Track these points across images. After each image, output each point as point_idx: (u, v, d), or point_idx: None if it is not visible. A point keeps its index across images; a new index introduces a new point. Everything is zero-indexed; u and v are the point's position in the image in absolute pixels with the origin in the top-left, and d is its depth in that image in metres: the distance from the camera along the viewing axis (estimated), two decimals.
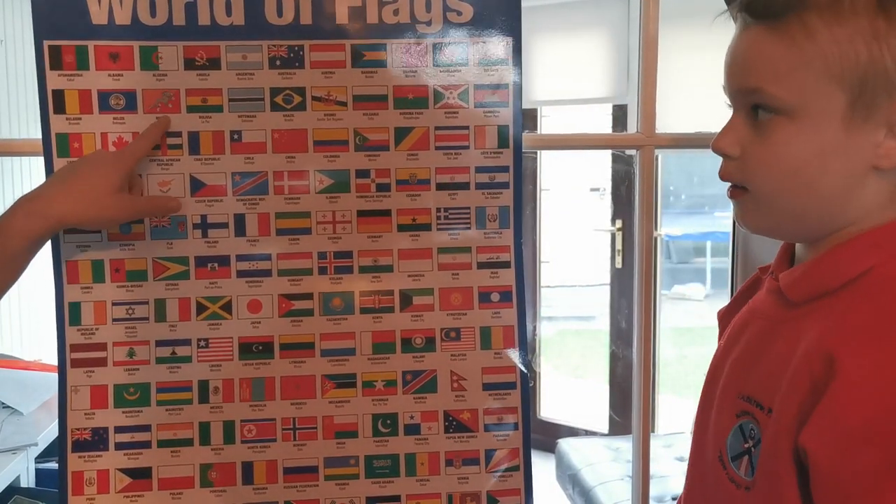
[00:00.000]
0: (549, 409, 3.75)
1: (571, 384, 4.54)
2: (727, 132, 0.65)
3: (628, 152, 1.06)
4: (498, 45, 0.92)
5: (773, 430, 0.60)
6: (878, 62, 0.58)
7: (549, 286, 5.03)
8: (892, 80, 0.58)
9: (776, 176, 0.63)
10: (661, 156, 3.05)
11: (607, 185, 3.69)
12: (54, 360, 0.92)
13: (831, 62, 0.59)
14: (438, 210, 0.92)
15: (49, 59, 0.88)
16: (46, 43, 0.88)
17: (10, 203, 0.81)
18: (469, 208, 0.93)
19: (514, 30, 0.91)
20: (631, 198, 2.74)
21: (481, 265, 0.93)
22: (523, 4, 0.92)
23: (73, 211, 0.81)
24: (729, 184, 0.67)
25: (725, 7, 0.67)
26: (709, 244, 7.09)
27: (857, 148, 0.60)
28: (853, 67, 0.58)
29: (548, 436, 3.40)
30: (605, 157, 3.78)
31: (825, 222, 0.64)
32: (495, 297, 0.93)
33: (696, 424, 0.72)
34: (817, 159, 0.61)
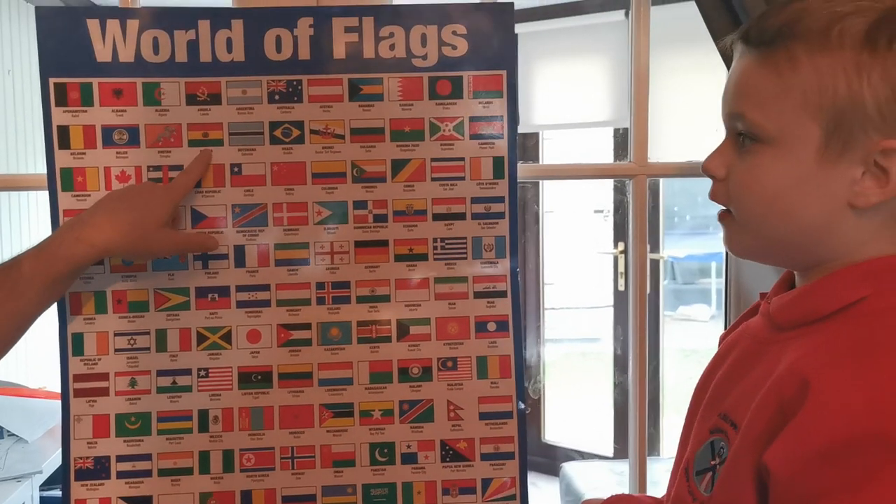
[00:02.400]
0: (554, 432, 3.73)
1: (576, 407, 4.53)
2: (715, 154, 0.66)
3: None
4: (492, 78, 0.93)
5: (736, 447, 0.61)
6: (857, 97, 0.57)
7: (553, 308, 5.03)
8: (870, 117, 0.57)
9: (755, 200, 0.63)
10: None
11: (611, 206, 3.71)
12: (59, 388, 0.94)
13: (809, 93, 0.59)
14: (435, 240, 0.94)
15: (54, 96, 0.90)
16: (52, 80, 0.90)
17: (15, 237, 0.82)
18: (465, 238, 0.94)
19: (508, 63, 0.93)
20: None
21: (478, 295, 0.94)
22: (525, 30, 0.94)
23: (121, 242, 0.82)
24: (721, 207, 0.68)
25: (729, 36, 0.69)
26: (713, 265, 7.07)
27: (832, 183, 0.60)
28: (831, 100, 0.58)
29: (553, 459, 3.39)
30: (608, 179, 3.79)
31: (808, 252, 0.64)
32: (492, 326, 0.94)
33: (680, 438, 0.73)
34: (793, 189, 0.61)
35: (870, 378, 0.55)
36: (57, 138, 0.90)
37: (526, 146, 3.53)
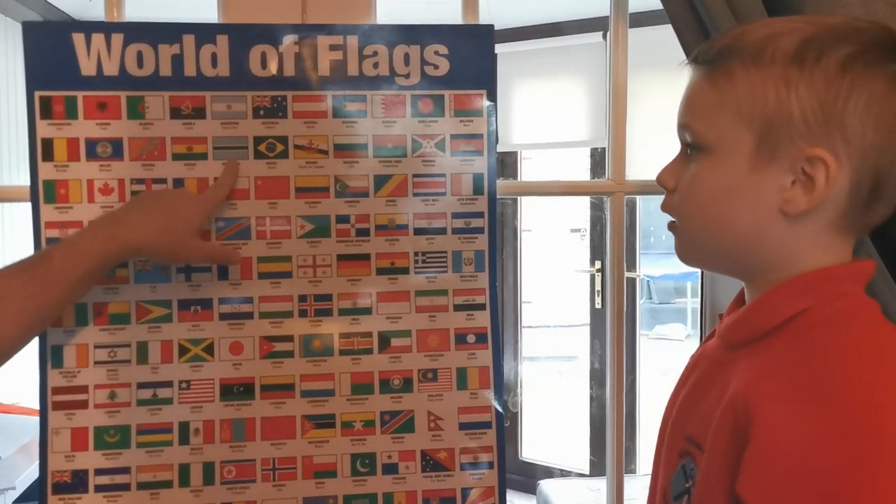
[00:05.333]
0: (531, 450, 3.74)
1: (554, 425, 4.54)
2: (668, 166, 0.71)
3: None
4: (473, 97, 0.95)
5: (703, 471, 0.63)
6: (785, 107, 0.61)
7: (530, 326, 5.05)
8: (796, 126, 0.61)
9: (694, 208, 0.67)
10: (642, 197, 3.10)
11: (587, 225, 3.75)
12: (32, 404, 0.93)
13: (743, 103, 0.63)
14: (416, 254, 0.95)
15: (39, 109, 0.91)
16: (37, 93, 0.91)
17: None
18: (446, 252, 0.96)
19: (488, 83, 0.95)
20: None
21: (457, 307, 0.96)
22: (504, 50, 0.96)
23: (151, 244, 0.83)
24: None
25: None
26: (689, 284, 7.15)
27: (763, 190, 0.63)
28: (761, 110, 0.62)
29: (530, 477, 3.39)
30: (585, 198, 3.84)
31: (746, 261, 0.67)
32: (471, 338, 0.96)
33: (653, 461, 0.75)
34: (727, 196, 0.65)
35: (811, 409, 0.56)
36: (41, 151, 0.91)
37: (504, 165, 3.57)
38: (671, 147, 0.73)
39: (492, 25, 0.96)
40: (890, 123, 0.60)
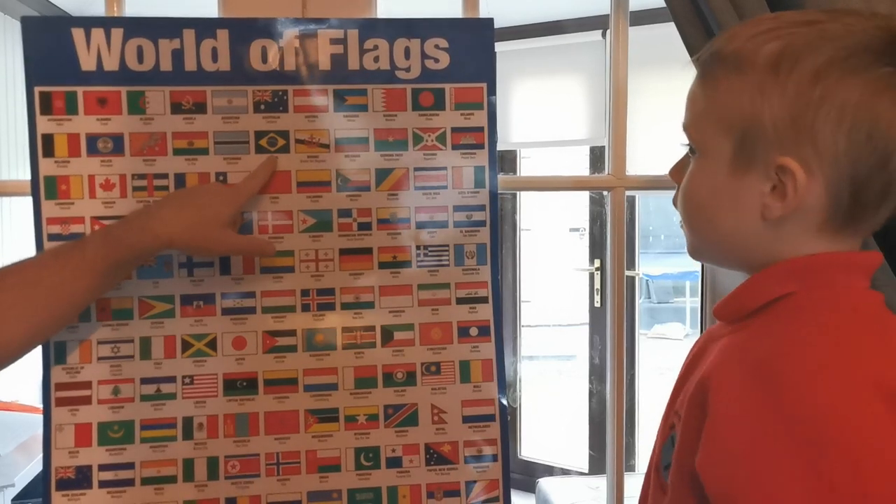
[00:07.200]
0: (531, 448, 3.74)
1: (553, 423, 4.54)
2: (678, 162, 0.72)
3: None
4: (473, 91, 0.95)
5: (679, 443, 0.65)
6: (759, 116, 0.61)
7: (529, 325, 5.05)
8: (768, 136, 0.61)
9: (689, 207, 0.69)
10: (640, 197, 3.10)
11: (586, 224, 3.75)
12: (32, 401, 0.93)
13: (723, 111, 0.64)
14: (418, 248, 0.95)
15: (39, 105, 0.90)
16: (37, 89, 0.90)
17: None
18: (447, 246, 0.96)
19: (488, 76, 0.96)
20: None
21: (460, 300, 0.96)
22: (503, 49, 0.96)
23: (183, 237, 0.84)
24: None
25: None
26: (688, 284, 7.16)
27: (744, 195, 0.64)
28: (738, 118, 0.63)
29: (529, 475, 3.39)
30: (584, 197, 3.84)
31: (740, 258, 0.69)
32: (474, 331, 0.96)
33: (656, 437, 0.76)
34: (713, 198, 0.66)
35: (756, 388, 0.57)
36: (41, 146, 0.91)
37: (503, 163, 3.57)
38: (669, 146, 0.75)
39: (492, 19, 0.96)
40: (865, 132, 0.59)
